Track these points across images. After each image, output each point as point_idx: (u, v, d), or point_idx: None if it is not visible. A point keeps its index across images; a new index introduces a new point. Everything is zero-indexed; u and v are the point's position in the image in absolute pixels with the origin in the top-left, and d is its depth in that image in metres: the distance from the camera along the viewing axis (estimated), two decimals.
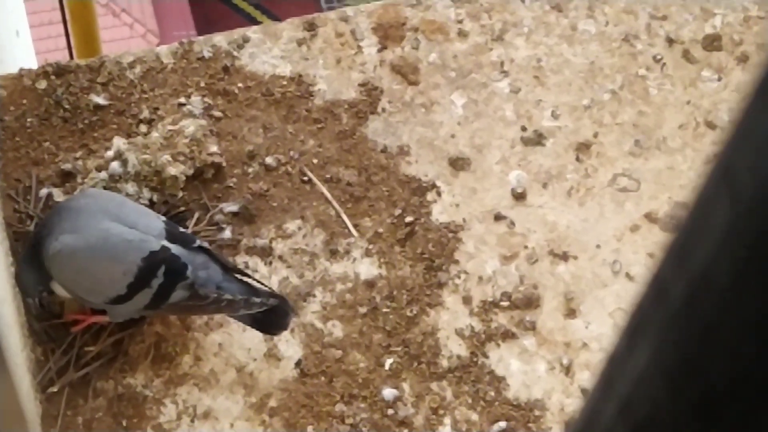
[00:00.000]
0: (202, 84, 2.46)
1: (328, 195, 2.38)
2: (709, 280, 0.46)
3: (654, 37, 2.58)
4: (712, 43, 2.57)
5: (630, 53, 2.56)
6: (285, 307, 2.15)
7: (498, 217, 2.39)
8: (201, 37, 2.53)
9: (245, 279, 2.14)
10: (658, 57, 2.55)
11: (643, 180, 2.43)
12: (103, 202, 2.10)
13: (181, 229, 2.12)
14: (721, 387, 0.46)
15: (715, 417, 0.48)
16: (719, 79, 2.53)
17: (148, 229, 2.05)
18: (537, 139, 2.47)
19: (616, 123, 2.48)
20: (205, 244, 2.12)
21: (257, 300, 2.08)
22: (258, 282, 2.15)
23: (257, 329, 2.16)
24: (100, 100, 2.42)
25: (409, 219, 2.37)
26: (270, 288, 2.17)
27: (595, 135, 2.47)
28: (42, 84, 2.43)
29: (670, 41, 2.57)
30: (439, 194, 2.41)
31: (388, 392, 2.23)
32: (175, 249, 2.04)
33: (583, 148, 2.46)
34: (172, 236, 2.06)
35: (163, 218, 2.12)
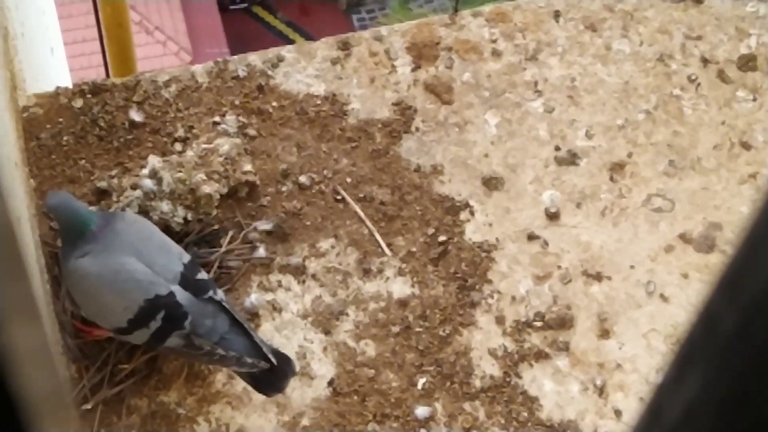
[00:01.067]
0: (237, 103, 2.47)
1: (362, 214, 2.38)
2: (763, 311, 0.46)
3: (689, 57, 2.57)
4: (747, 63, 2.56)
5: (664, 73, 2.55)
6: (285, 368, 2.11)
7: (531, 237, 2.39)
8: (236, 57, 2.54)
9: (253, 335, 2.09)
10: (693, 77, 2.54)
11: (678, 200, 2.42)
12: (133, 233, 2.10)
13: (200, 276, 2.10)
14: None
15: None
16: (754, 99, 2.52)
17: (163, 271, 2.05)
18: (571, 159, 2.46)
19: (651, 143, 2.48)
20: (219, 296, 2.09)
21: (248, 361, 2.05)
22: (262, 341, 2.08)
23: (252, 386, 2.13)
24: (136, 118, 2.43)
25: (442, 238, 2.37)
26: (273, 349, 2.11)
27: (630, 155, 2.46)
28: (78, 102, 2.44)
29: (705, 61, 2.56)
30: (472, 213, 2.40)
31: (421, 412, 2.23)
32: (181, 296, 2.04)
33: (617, 168, 2.45)
34: (186, 282, 2.06)
35: (187, 260, 2.10)
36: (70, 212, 2.09)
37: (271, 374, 2.08)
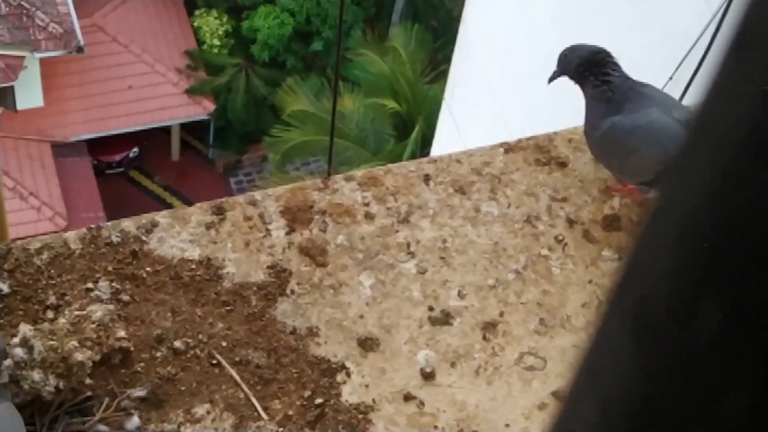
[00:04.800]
0: (110, 269, 2.46)
1: (237, 378, 2.37)
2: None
3: (555, 218, 2.65)
4: (612, 223, 2.65)
5: (532, 234, 2.63)
6: None
7: (407, 398, 2.40)
8: (109, 223, 2.54)
9: None
10: (560, 237, 2.62)
11: (549, 358, 2.46)
12: None
13: None
14: None
15: None
16: (620, 259, 2.60)
17: None
18: (444, 319, 2.50)
19: (521, 302, 2.53)
20: None
21: None
22: None
23: None
24: (5, 287, 2.40)
25: (318, 400, 2.36)
26: None
27: (501, 314, 2.51)
28: None
29: (571, 222, 2.65)
30: (348, 375, 2.41)
31: None
32: None
33: (490, 327, 2.49)
34: None
35: None
36: None
37: None
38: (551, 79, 2.65)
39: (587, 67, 2.57)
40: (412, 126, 17.00)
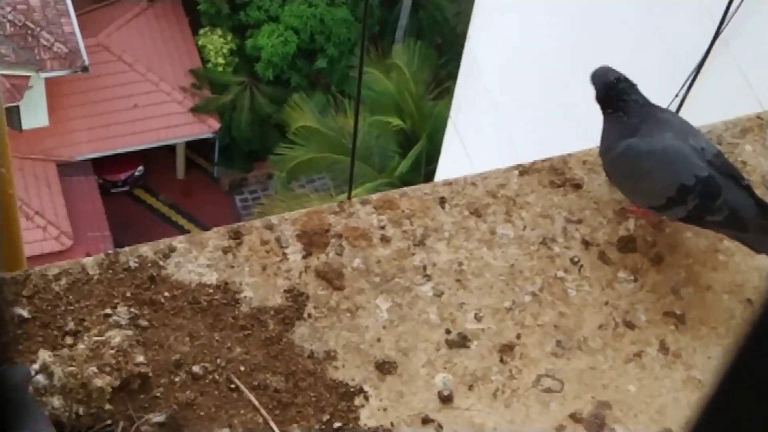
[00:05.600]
0: (128, 294, 2.47)
1: (256, 402, 2.37)
2: None
3: (570, 240, 2.66)
4: (627, 244, 2.66)
5: (548, 256, 2.63)
6: None
7: (426, 421, 2.40)
8: (126, 248, 2.55)
9: None
10: (576, 259, 2.63)
11: (566, 380, 2.46)
12: None
13: None
14: None
15: None
16: (635, 280, 2.61)
17: None
18: (461, 342, 2.50)
19: (538, 324, 2.53)
20: None
21: None
22: None
23: None
24: (25, 313, 2.41)
25: (337, 424, 2.37)
26: None
27: (518, 336, 2.52)
28: None
29: (586, 244, 2.65)
30: (366, 398, 2.41)
31: None
32: None
33: (507, 349, 2.50)
34: None
35: None
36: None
37: None
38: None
39: (607, 91, 2.58)
40: (416, 143, 17.04)
